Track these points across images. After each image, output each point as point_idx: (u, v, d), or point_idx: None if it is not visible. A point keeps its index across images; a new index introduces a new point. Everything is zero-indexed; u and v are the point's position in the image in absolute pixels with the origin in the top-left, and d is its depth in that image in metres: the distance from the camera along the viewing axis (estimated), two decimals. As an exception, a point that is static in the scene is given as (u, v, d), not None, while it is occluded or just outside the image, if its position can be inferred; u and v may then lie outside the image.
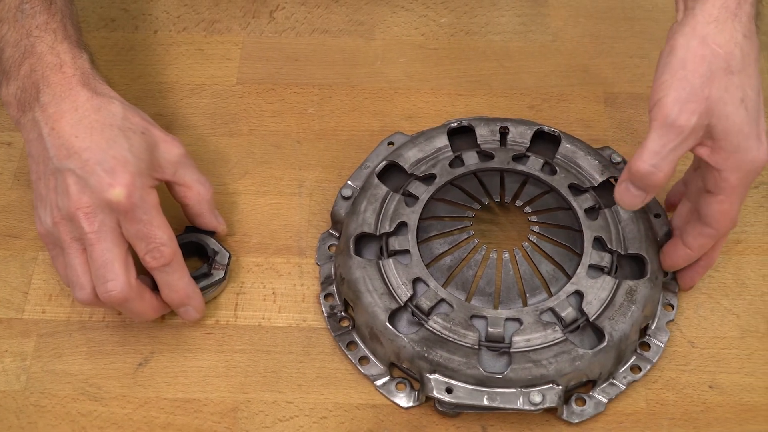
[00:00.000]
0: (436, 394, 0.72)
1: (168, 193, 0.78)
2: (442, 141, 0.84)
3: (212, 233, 0.81)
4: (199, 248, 0.81)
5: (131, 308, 0.73)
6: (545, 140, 0.86)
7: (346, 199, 0.83)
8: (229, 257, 0.80)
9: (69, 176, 0.71)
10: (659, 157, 0.67)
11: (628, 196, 0.71)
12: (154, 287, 0.76)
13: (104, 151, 0.71)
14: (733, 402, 0.76)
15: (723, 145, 0.68)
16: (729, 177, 0.69)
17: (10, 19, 0.76)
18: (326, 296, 0.80)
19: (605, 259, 0.78)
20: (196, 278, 0.78)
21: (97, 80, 0.75)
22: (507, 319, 0.75)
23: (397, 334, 0.74)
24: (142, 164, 0.72)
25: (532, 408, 0.72)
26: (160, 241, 0.72)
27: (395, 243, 0.79)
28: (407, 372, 0.76)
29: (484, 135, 0.85)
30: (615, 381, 0.76)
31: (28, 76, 0.74)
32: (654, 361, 0.77)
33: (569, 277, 0.78)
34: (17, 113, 0.75)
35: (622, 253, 0.78)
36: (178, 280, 0.75)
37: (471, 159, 0.83)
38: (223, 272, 0.79)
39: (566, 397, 0.75)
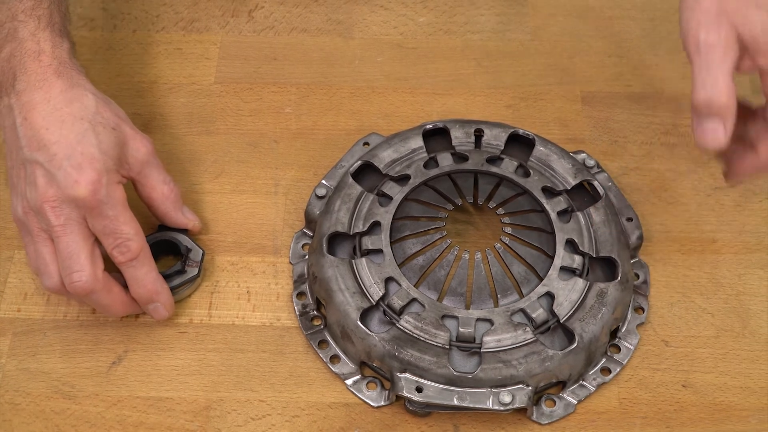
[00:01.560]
0: (406, 393, 0.73)
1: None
2: (417, 142, 0.85)
3: (185, 231, 0.82)
4: (172, 246, 0.81)
5: (98, 301, 0.74)
6: (520, 143, 0.86)
7: (321, 198, 0.83)
8: (203, 254, 0.81)
9: (37, 169, 0.72)
10: (709, 80, 0.68)
11: (707, 134, 0.69)
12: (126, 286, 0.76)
13: (73, 146, 0.72)
14: (706, 401, 0.77)
15: (760, 48, 0.69)
16: None
17: None
18: (299, 295, 0.81)
19: (576, 262, 0.78)
20: (169, 276, 0.78)
21: (74, 71, 0.75)
22: (478, 320, 0.75)
23: (369, 332, 0.75)
24: (110, 161, 0.73)
25: (502, 408, 0.72)
26: (127, 236, 0.73)
27: (368, 242, 0.79)
28: (378, 371, 0.76)
29: (459, 137, 0.85)
30: (585, 383, 0.76)
31: (7, 61, 0.75)
32: (624, 363, 0.77)
33: (540, 279, 0.78)
34: None
35: (594, 255, 0.79)
36: (145, 275, 0.75)
37: (445, 160, 0.84)
38: (197, 269, 0.80)
39: (536, 398, 0.75)
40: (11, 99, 0.74)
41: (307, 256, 0.82)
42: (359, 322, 0.75)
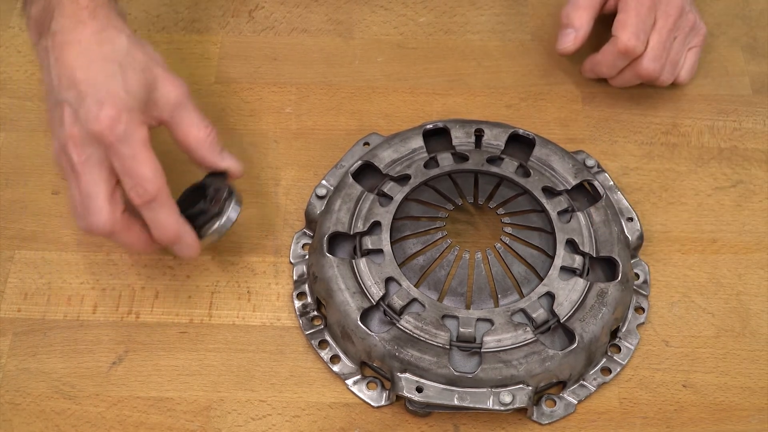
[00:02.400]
0: (406, 393, 0.73)
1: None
2: (418, 142, 0.85)
3: (224, 176, 0.78)
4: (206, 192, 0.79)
5: (119, 241, 0.74)
6: (520, 143, 0.86)
7: (321, 198, 0.83)
8: (228, 191, 0.77)
9: (66, 107, 0.72)
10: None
11: (561, 38, 0.89)
12: None
13: (98, 85, 0.72)
14: (707, 401, 0.77)
15: None
16: None
17: None
18: (299, 295, 0.81)
19: (577, 262, 0.78)
20: (193, 216, 0.77)
21: (111, 12, 0.75)
22: (478, 320, 0.75)
23: (369, 332, 0.75)
24: (134, 101, 0.72)
25: (502, 408, 0.72)
26: (143, 177, 0.71)
27: (368, 242, 0.79)
28: (378, 371, 0.76)
29: (460, 137, 0.85)
30: (585, 382, 0.76)
31: (47, 2, 0.75)
32: (624, 363, 0.78)
33: (541, 279, 0.78)
34: (35, 37, 0.76)
35: (594, 255, 0.79)
36: (165, 218, 0.73)
37: (446, 160, 0.84)
38: (218, 208, 0.77)
39: (537, 398, 0.75)
40: (48, 40, 0.74)
41: (307, 256, 0.82)
42: (359, 322, 0.75)
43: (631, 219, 0.82)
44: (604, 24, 0.91)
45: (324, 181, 0.84)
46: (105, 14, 0.74)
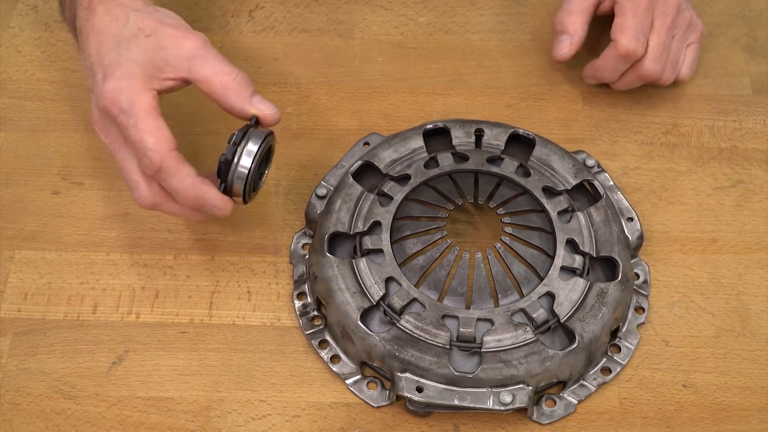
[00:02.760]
0: (406, 393, 0.73)
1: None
2: (418, 142, 0.85)
3: (255, 123, 0.76)
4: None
5: (166, 212, 0.75)
6: (520, 143, 0.86)
7: (321, 198, 0.83)
8: (240, 135, 0.74)
9: (90, 92, 0.74)
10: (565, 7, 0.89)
11: (557, 45, 0.89)
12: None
13: (104, 64, 0.73)
14: (707, 401, 0.77)
15: None
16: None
17: None
18: (299, 295, 0.81)
19: (577, 261, 0.78)
20: (220, 170, 0.74)
21: None
22: (478, 320, 0.75)
23: (369, 332, 0.75)
24: (136, 67, 0.72)
25: (502, 408, 0.72)
26: (146, 146, 0.71)
27: (369, 242, 0.79)
28: (378, 371, 0.76)
29: (460, 137, 0.85)
30: (585, 382, 0.76)
31: (72, 4, 0.78)
32: (624, 363, 0.78)
33: (541, 279, 0.78)
34: (75, 39, 0.79)
35: (594, 255, 0.79)
36: (177, 184, 0.72)
37: (446, 160, 0.84)
38: (232, 152, 0.73)
39: (537, 398, 0.76)
40: (78, 38, 0.77)
41: (307, 256, 0.82)
42: (360, 322, 0.75)
43: (631, 219, 0.82)
44: (599, 26, 0.91)
45: (324, 181, 0.84)
46: None
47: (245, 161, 0.74)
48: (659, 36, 0.86)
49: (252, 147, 0.74)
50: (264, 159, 0.77)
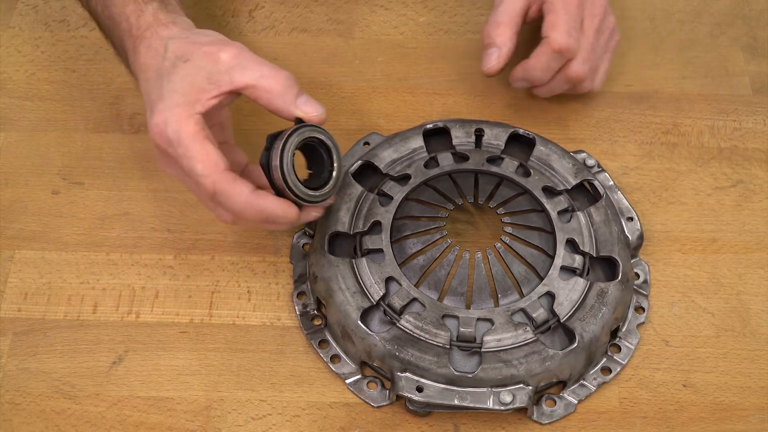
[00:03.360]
0: (406, 392, 0.73)
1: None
2: (418, 142, 0.85)
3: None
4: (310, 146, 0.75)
5: (247, 227, 0.76)
6: (520, 142, 0.86)
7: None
8: (276, 137, 0.73)
9: None
10: (493, 19, 0.85)
11: (485, 58, 0.85)
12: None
13: (148, 96, 0.74)
14: (707, 401, 0.77)
15: None
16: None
17: None
18: (299, 294, 0.81)
19: (577, 261, 0.78)
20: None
21: (158, 27, 0.76)
22: (478, 319, 0.75)
23: (369, 332, 0.75)
24: (178, 96, 0.72)
25: (502, 408, 0.72)
26: (197, 173, 0.71)
27: (369, 242, 0.79)
28: (378, 371, 0.76)
29: (460, 137, 0.85)
30: (585, 382, 0.76)
31: (122, 48, 0.79)
32: (624, 363, 0.78)
33: (541, 279, 0.78)
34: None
35: (594, 255, 0.79)
36: (234, 205, 0.72)
37: (446, 160, 0.84)
38: (266, 157, 0.73)
39: (537, 398, 0.76)
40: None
41: (307, 256, 0.82)
42: (360, 322, 0.75)
43: (631, 219, 0.82)
44: (531, 33, 0.89)
45: (324, 181, 0.84)
46: (152, 32, 0.76)
47: (278, 161, 0.73)
48: (587, 37, 0.84)
49: (283, 147, 0.73)
50: (315, 153, 0.76)
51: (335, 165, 0.75)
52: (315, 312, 0.80)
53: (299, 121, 0.74)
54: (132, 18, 0.77)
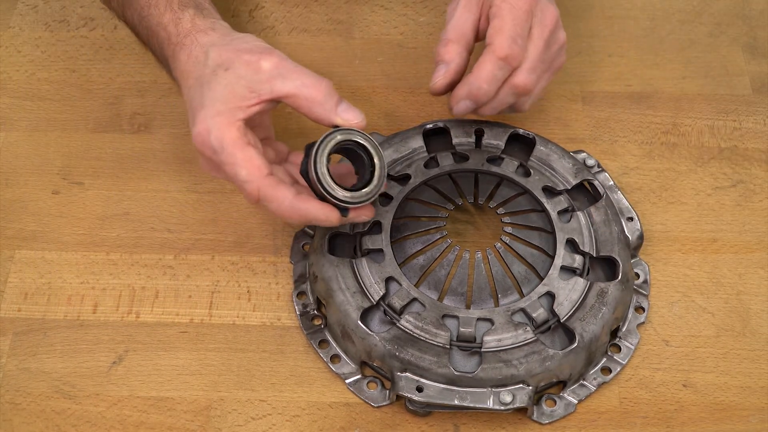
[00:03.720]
0: (406, 392, 0.73)
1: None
2: (418, 142, 0.85)
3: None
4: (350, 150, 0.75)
5: (293, 222, 0.76)
6: (520, 142, 0.86)
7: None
8: (309, 146, 0.74)
9: None
10: (444, 35, 0.80)
11: (434, 76, 0.79)
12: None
13: (191, 105, 0.74)
14: (707, 401, 0.77)
15: None
16: (497, 2, 0.77)
17: None
18: (299, 294, 0.81)
19: (577, 261, 0.78)
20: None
21: (198, 34, 0.76)
22: (478, 319, 0.75)
23: (369, 332, 0.75)
24: (219, 104, 0.72)
25: (502, 408, 0.72)
26: (241, 179, 0.72)
27: (369, 242, 0.79)
28: (378, 370, 0.76)
29: (460, 137, 0.85)
30: (585, 382, 0.76)
31: (162, 56, 0.79)
32: (624, 363, 0.78)
33: (541, 279, 0.78)
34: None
35: (594, 255, 0.79)
36: (278, 209, 0.73)
37: (446, 160, 0.84)
38: (304, 164, 0.74)
39: (537, 398, 0.76)
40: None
41: (307, 256, 0.82)
42: (360, 322, 0.75)
43: (631, 218, 0.82)
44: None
45: (324, 181, 0.84)
46: (192, 39, 0.76)
47: (311, 169, 0.73)
48: (536, 46, 0.78)
49: (315, 154, 0.73)
50: (355, 155, 0.76)
51: (376, 164, 0.75)
52: (315, 312, 0.80)
53: (337, 127, 0.74)
54: (170, 27, 0.77)
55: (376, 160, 0.75)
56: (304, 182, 0.75)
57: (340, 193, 0.73)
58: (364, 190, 0.74)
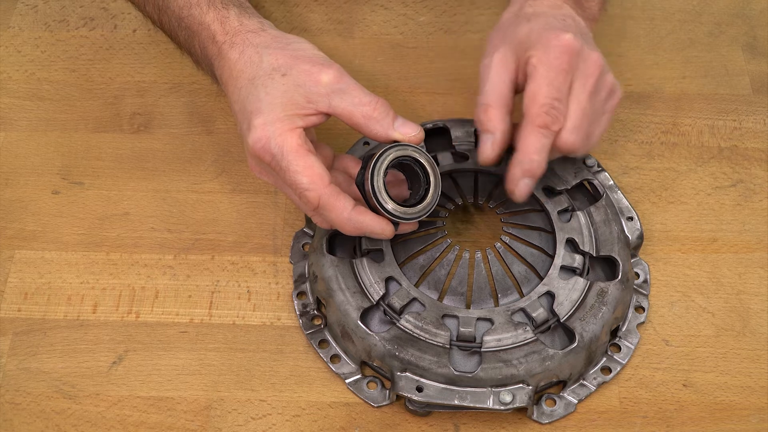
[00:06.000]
0: (406, 392, 0.73)
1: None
2: (418, 141, 0.85)
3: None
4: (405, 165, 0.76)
5: (361, 234, 0.75)
6: (520, 141, 0.86)
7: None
8: (369, 157, 0.74)
9: (240, 137, 0.76)
10: (481, 100, 0.77)
11: (480, 146, 0.77)
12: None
13: (244, 109, 0.74)
14: (707, 401, 0.77)
15: (523, 47, 0.76)
16: (533, 61, 0.74)
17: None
18: (299, 294, 0.81)
19: (577, 261, 0.78)
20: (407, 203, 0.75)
21: (248, 33, 0.76)
22: (478, 319, 0.75)
23: (369, 332, 0.75)
24: (278, 109, 0.73)
25: (502, 407, 0.72)
26: (303, 187, 0.72)
27: (368, 242, 0.79)
28: (378, 370, 0.76)
29: (459, 136, 0.85)
30: (585, 382, 0.76)
31: (204, 55, 0.79)
32: (624, 362, 0.78)
33: (541, 278, 0.78)
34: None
35: (594, 255, 0.79)
36: (336, 218, 0.73)
37: (446, 160, 0.84)
38: (361, 177, 0.75)
39: (537, 398, 0.76)
40: (219, 80, 0.79)
41: (307, 256, 0.82)
42: (359, 322, 0.75)
43: (631, 218, 0.82)
44: None
45: (324, 181, 0.84)
46: (242, 38, 0.76)
47: (368, 183, 0.74)
48: (579, 101, 0.74)
49: (373, 168, 0.74)
50: (411, 171, 0.76)
51: (431, 182, 0.75)
52: (315, 312, 0.80)
53: (396, 142, 0.75)
54: (215, 25, 0.77)
55: (432, 177, 0.75)
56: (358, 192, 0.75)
57: (396, 209, 0.74)
58: (418, 207, 0.75)
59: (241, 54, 0.75)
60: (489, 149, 0.76)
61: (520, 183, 0.75)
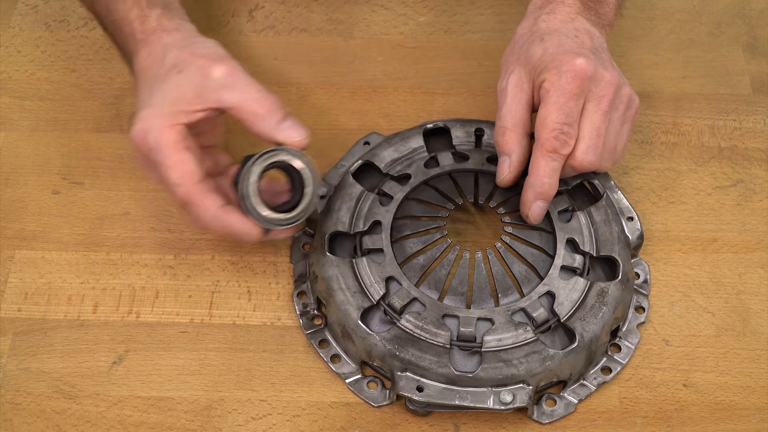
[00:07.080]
0: (406, 392, 0.73)
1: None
2: (418, 141, 0.85)
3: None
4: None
5: (228, 235, 0.76)
6: (520, 141, 0.86)
7: (321, 197, 0.83)
8: (243, 162, 0.74)
9: None
10: (499, 123, 0.79)
11: (498, 168, 0.79)
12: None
13: (139, 102, 0.75)
14: (707, 401, 0.77)
15: (538, 68, 0.77)
16: (546, 85, 0.75)
17: None
18: (299, 294, 0.81)
19: (577, 261, 0.78)
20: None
21: (162, 33, 0.77)
22: (479, 319, 0.75)
23: (369, 332, 0.75)
24: (166, 105, 0.73)
25: (503, 407, 0.72)
26: (172, 182, 0.72)
27: (369, 242, 0.79)
28: (378, 370, 0.76)
29: (460, 136, 0.85)
30: (585, 382, 0.76)
31: (126, 51, 0.80)
32: (624, 362, 0.78)
33: (541, 278, 0.78)
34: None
35: (594, 255, 0.79)
36: (202, 216, 0.73)
37: (446, 160, 0.84)
38: (235, 179, 0.74)
39: (537, 398, 0.76)
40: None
41: (307, 256, 0.82)
42: (360, 322, 0.75)
43: (631, 218, 0.82)
44: None
45: (324, 181, 0.84)
46: (156, 37, 0.77)
47: (240, 183, 0.74)
48: (592, 122, 0.75)
49: (246, 171, 0.74)
50: (292, 176, 0.75)
51: (306, 192, 0.75)
52: (315, 312, 0.80)
53: (281, 144, 0.75)
54: (136, 23, 0.78)
55: (307, 188, 0.75)
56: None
57: (262, 212, 0.74)
58: (286, 214, 0.75)
59: (150, 53, 0.76)
60: (506, 170, 0.78)
61: (533, 206, 0.77)
